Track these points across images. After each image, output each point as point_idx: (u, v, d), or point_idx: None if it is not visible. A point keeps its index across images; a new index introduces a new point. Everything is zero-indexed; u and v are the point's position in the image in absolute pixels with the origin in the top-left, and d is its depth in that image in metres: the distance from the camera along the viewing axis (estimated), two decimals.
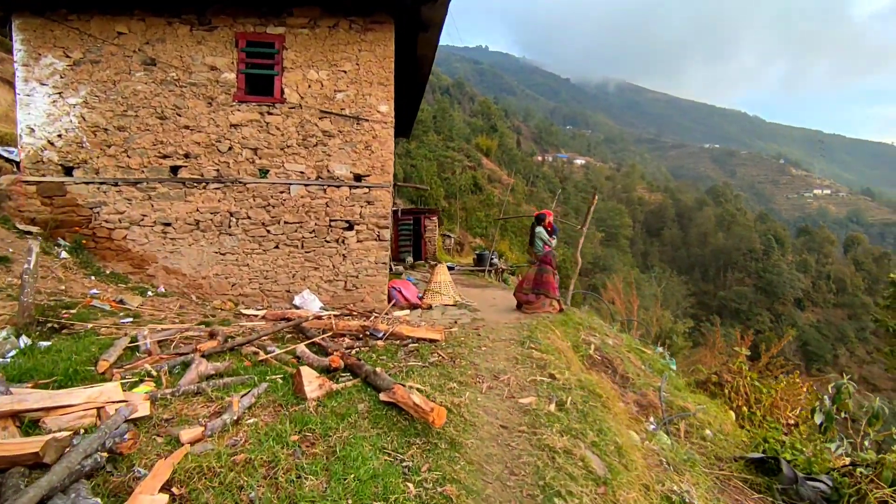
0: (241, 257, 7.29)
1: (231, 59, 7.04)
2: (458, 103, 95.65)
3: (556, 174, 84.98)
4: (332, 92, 7.23)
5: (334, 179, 7.33)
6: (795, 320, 64.78)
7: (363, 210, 7.38)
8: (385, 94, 7.30)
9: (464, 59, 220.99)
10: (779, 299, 69.72)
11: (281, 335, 5.38)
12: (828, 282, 73.23)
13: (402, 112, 13.12)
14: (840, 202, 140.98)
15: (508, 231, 49.07)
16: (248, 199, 7.24)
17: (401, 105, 12.43)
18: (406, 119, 13.76)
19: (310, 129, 7.24)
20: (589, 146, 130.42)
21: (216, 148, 7.13)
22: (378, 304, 7.50)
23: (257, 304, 7.37)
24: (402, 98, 11.68)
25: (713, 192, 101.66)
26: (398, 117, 13.80)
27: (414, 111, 12.88)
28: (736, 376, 9.61)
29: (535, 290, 7.53)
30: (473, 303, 8.71)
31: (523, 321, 6.55)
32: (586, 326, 7.75)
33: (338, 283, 7.44)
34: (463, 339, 5.19)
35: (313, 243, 7.36)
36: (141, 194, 7.07)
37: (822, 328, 65.88)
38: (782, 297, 69.71)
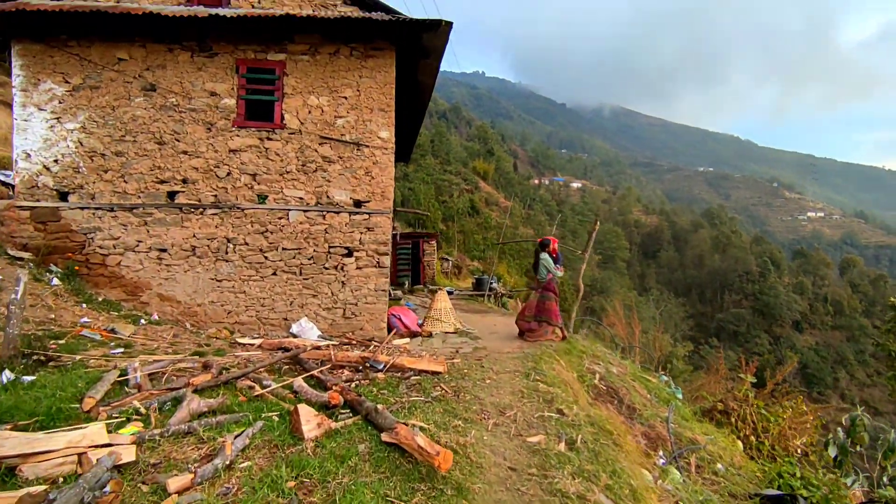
0: (237, 284, 7.14)
1: (231, 84, 7.03)
2: (455, 128, 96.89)
3: (553, 197, 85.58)
4: (332, 118, 7.21)
5: (334, 205, 7.24)
6: (794, 343, 64.45)
7: (363, 236, 7.28)
8: (386, 120, 7.28)
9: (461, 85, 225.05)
10: (777, 321, 69.52)
11: (278, 367, 5.20)
12: (825, 304, 73.18)
13: (401, 137, 13.16)
14: (834, 225, 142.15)
15: (506, 254, 49.05)
16: (246, 224, 7.13)
17: (401, 130, 12.47)
18: (406, 144, 13.81)
19: (309, 154, 7.18)
20: (585, 170, 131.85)
21: (214, 173, 7.06)
22: (377, 333, 7.32)
23: (254, 332, 7.18)
24: (402, 123, 11.72)
25: (708, 215, 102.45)
26: (398, 142, 13.88)
27: (413, 136, 12.94)
28: (742, 404, 9.39)
29: (537, 318, 7.38)
30: (474, 330, 8.53)
31: (527, 350, 6.37)
32: (590, 354, 7.57)
33: (336, 310, 7.27)
34: (466, 371, 5.02)
35: (312, 270, 7.23)
36: (137, 220, 6.95)
37: (821, 351, 65.50)
38: (780, 320, 69.52)
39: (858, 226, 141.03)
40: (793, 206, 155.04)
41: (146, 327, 6.42)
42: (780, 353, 61.43)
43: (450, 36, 7.05)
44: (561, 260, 8.37)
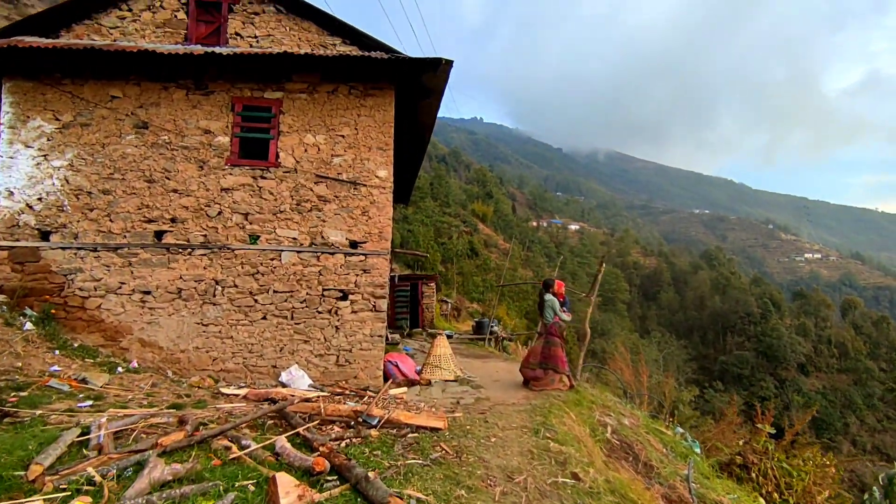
0: (224, 329, 6.71)
1: (226, 122, 6.88)
2: (454, 171, 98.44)
3: (551, 239, 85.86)
4: (328, 156, 7.02)
5: (329, 246, 6.93)
6: (800, 387, 62.95)
7: (358, 279, 6.92)
8: (384, 159, 7.09)
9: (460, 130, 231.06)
10: (781, 364, 68.13)
11: (262, 421, 4.71)
12: (829, 346, 72.01)
13: (401, 179, 13.07)
14: (831, 266, 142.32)
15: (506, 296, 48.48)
16: (236, 266, 6.79)
17: (400, 171, 12.38)
18: (405, 186, 13.70)
19: (304, 193, 6.94)
20: (582, 212, 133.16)
21: (205, 212, 6.78)
22: (373, 381, 6.84)
23: (240, 380, 6.69)
24: (402, 165, 11.63)
25: (707, 256, 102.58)
26: (397, 184, 13.77)
27: (413, 178, 12.83)
28: (762, 457, 8.79)
29: (542, 365, 6.92)
30: (476, 378, 8.03)
31: (534, 402, 5.89)
32: (600, 404, 7.06)
33: (329, 357, 6.82)
34: (469, 428, 4.54)
35: (304, 314, 6.82)
36: (121, 260, 6.61)
37: (829, 395, 63.82)
38: (785, 362, 68.17)
39: (856, 267, 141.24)
40: (789, 248, 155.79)
41: (123, 376, 5.95)
42: (787, 398, 59.82)
43: (449, 76, 6.98)
44: (568, 304, 7.98)
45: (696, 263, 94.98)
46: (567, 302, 7.94)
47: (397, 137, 9.71)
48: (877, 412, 60.55)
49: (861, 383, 64.55)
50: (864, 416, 60.49)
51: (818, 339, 72.45)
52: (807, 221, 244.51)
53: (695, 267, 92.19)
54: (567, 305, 7.83)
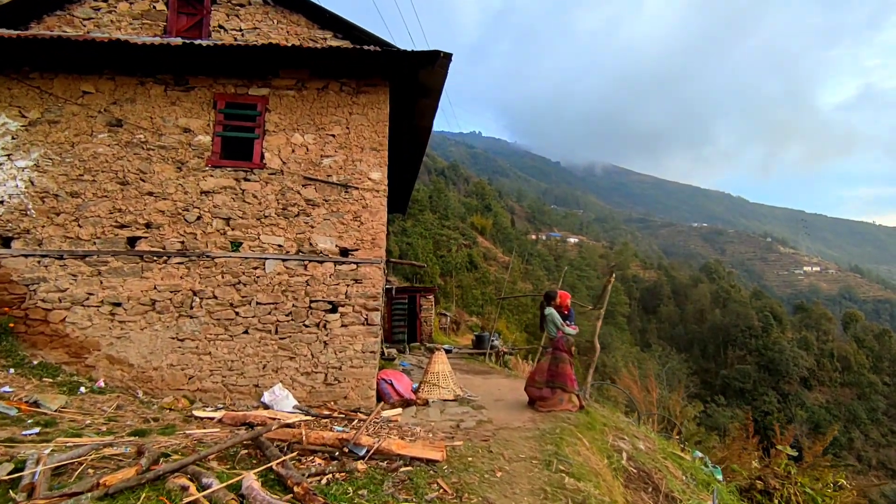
0: (202, 344, 6.12)
1: (207, 120, 6.38)
2: (453, 184, 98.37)
3: (550, 252, 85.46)
4: (318, 157, 6.51)
5: (317, 254, 6.38)
6: (804, 401, 62.11)
7: (349, 289, 6.36)
8: (377, 161, 6.59)
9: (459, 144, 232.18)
10: (784, 378, 67.32)
11: (234, 451, 4.12)
12: (832, 360, 71.26)
13: (398, 186, 12.58)
14: (830, 279, 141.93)
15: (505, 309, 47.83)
16: (216, 275, 6.22)
17: (397, 179, 11.90)
18: (402, 194, 13.22)
19: (291, 197, 6.42)
20: (581, 225, 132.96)
21: (182, 217, 6.24)
22: (364, 402, 6.23)
23: (218, 401, 6.08)
24: (399, 171, 11.15)
25: (706, 269, 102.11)
26: (393, 192, 13.25)
27: (410, 186, 12.34)
28: (784, 482, 8.18)
29: (549, 384, 6.33)
30: (477, 397, 7.42)
31: (541, 426, 5.30)
32: (612, 427, 6.46)
33: (317, 375, 6.22)
34: (470, 459, 3.94)
35: (289, 328, 6.25)
36: (89, 269, 6.04)
37: (832, 409, 62.95)
38: (787, 376, 67.37)
39: (855, 280, 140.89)
40: (788, 261, 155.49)
41: (84, 397, 5.34)
42: (791, 412, 58.95)
43: (448, 71, 6.52)
44: (573, 316, 7.42)
45: (695, 277, 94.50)
46: (572, 314, 7.39)
47: (394, 143, 9.24)
48: (881, 427, 59.68)
49: (865, 397, 63.74)
50: (868, 430, 59.55)
51: (820, 353, 71.70)
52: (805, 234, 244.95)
53: (695, 280, 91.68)
54: (572, 317, 7.28)
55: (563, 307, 7.22)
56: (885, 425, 60.02)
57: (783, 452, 8.72)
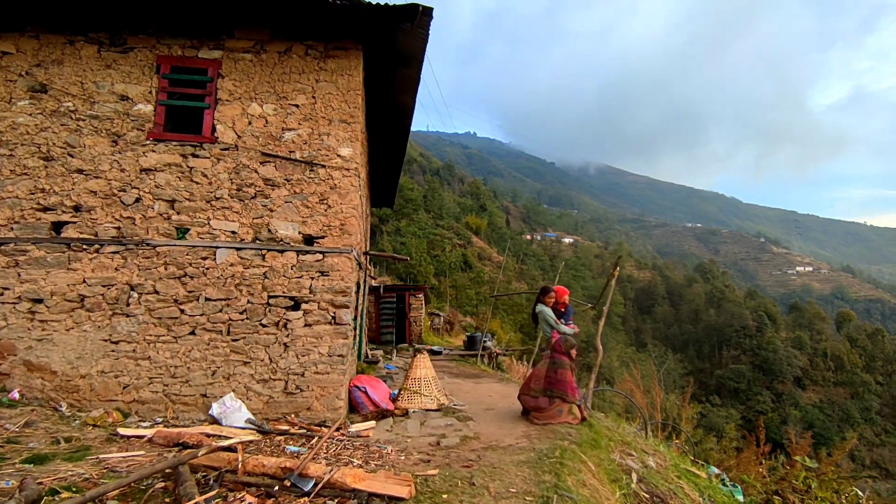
0: (140, 347, 5.22)
1: (149, 87, 5.48)
2: (448, 184, 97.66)
3: (545, 252, 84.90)
4: (278, 130, 5.63)
5: (277, 242, 5.50)
6: (797, 400, 61.94)
7: (314, 283, 5.48)
8: (348, 135, 5.71)
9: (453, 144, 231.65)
10: (778, 378, 67.21)
11: (147, 484, 3.24)
12: (825, 359, 71.25)
13: (382, 176, 11.71)
14: (823, 279, 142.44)
15: (500, 309, 47.00)
16: (158, 267, 5.32)
17: (381, 168, 11.04)
18: (388, 185, 12.35)
19: (247, 176, 5.53)
20: (576, 225, 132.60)
21: (119, 199, 5.34)
22: (331, 414, 5.35)
23: (158, 414, 5.18)
24: (382, 159, 10.29)
25: (701, 269, 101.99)
26: (378, 183, 12.39)
27: (395, 175, 11.46)
28: (804, 497, 7.41)
29: (547, 392, 5.48)
30: (464, 406, 6.56)
31: (537, 444, 4.44)
32: (619, 441, 5.62)
33: (275, 383, 5.33)
34: (446, 496, 3.07)
35: (244, 328, 5.36)
36: (4, 259, 5.13)
37: (826, 408, 62.84)
38: (781, 376, 67.27)
39: (847, 280, 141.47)
40: (781, 261, 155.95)
41: None
42: (785, 412, 58.67)
43: (429, 34, 5.66)
44: (571, 314, 6.60)
45: (690, 277, 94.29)
46: (570, 312, 6.56)
47: (374, 125, 8.39)
48: (875, 426, 59.55)
49: (858, 397, 63.62)
50: (862, 430, 59.34)
51: (814, 353, 71.64)
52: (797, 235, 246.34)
53: (689, 280, 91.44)
54: (569, 316, 6.45)
55: (560, 304, 6.40)
56: (878, 424, 59.94)
57: (801, 464, 7.93)
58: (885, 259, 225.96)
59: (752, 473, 8.68)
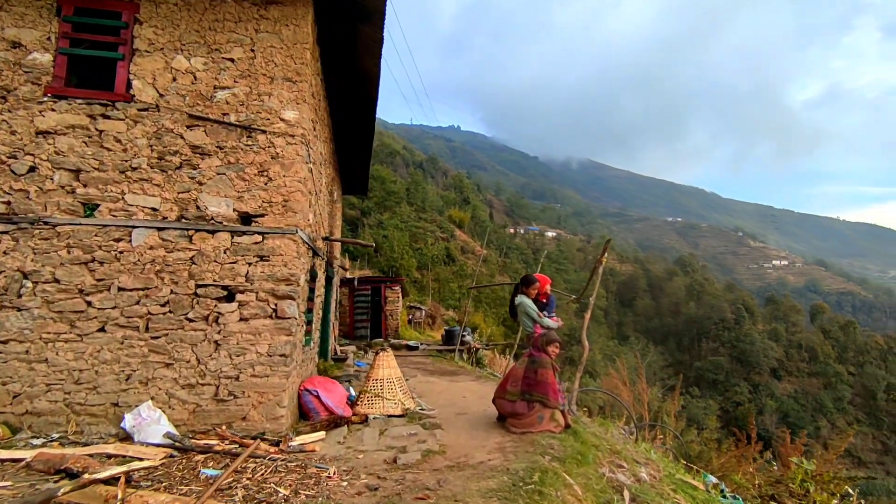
0: (35, 348, 4.31)
1: (47, 32, 4.53)
2: (431, 178, 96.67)
3: (528, 246, 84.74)
4: (210, 88, 4.73)
5: (207, 221, 4.62)
6: (773, 391, 63.09)
7: (252, 269, 4.62)
8: (293, 96, 4.84)
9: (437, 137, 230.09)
10: (754, 369, 68.48)
11: None
12: (799, 351, 72.82)
13: (352, 160, 10.83)
14: (797, 272, 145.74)
15: (482, 303, 46.44)
16: (59, 250, 4.40)
17: (349, 151, 10.16)
18: (359, 169, 11.44)
19: (171, 142, 4.63)
20: (559, 219, 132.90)
21: (8, 168, 4.39)
22: (271, 424, 4.52)
23: (57, 427, 4.28)
24: (350, 139, 9.41)
25: (681, 263, 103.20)
26: (348, 168, 11.49)
27: (365, 158, 10.56)
28: (802, 502, 6.88)
29: (525, 396, 4.73)
30: (433, 410, 5.78)
31: (513, 462, 3.68)
32: (607, 451, 4.91)
33: (204, 388, 4.47)
34: None
35: (166, 323, 4.48)
36: None
37: (800, 398, 64.24)
38: (758, 367, 68.55)
39: (820, 273, 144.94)
40: (757, 255, 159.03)
41: None
42: (761, 402, 59.65)
43: None
44: (553, 305, 5.88)
45: (670, 270, 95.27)
46: (552, 303, 5.83)
47: (337, 98, 7.52)
48: (847, 415, 61.05)
49: (831, 387, 65.10)
50: (834, 419, 60.78)
51: (789, 344, 73.15)
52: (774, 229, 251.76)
53: (669, 274, 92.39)
54: (552, 308, 5.72)
55: (542, 295, 5.65)
56: (850, 414, 61.52)
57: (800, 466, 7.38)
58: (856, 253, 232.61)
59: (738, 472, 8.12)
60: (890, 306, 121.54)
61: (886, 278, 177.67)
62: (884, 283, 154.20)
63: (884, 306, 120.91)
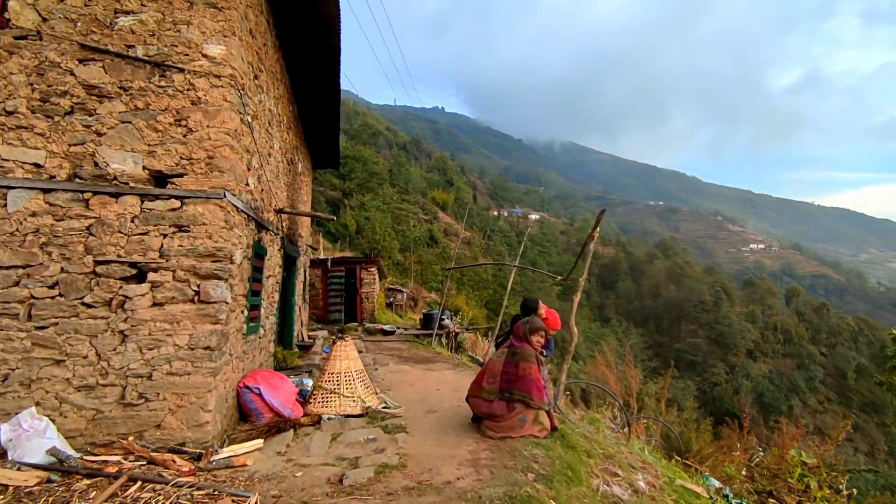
0: None
1: None
2: (414, 159, 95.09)
3: (512, 228, 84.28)
4: (108, 13, 3.73)
5: (108, 181, 3.67)
6: (749, 371, 64.45)
7: (168, 242, 3.70)
8: (219, 26, 3.87)
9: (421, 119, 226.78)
10: (731, 350, 69.85)
11: None
12: (775, 332, 74.47)
13: (319, 129, 9.81)
14: (773, 256, 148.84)
15: (465, 284, 45.81)
16: None
17: (316, 118, 9.15)
18: (327, 139, 10.41)
19: (58, 80, 3.64)
20: (542, 202, 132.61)
21: None
22: (193, 432, 3.66)
23: None
24: (318, 106, 8.40)
25: (662, 246, 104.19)
26: (316, 138, 10.45)
27: (332, 125, 9.53)
28: (802, 499, 6.35)
29: (505, 394, 3.95)
30: (399, 407, 4.99)
31: (487, 484, 2.90)
32: (599, 455, 4.20)
33: (107, 390, 3.58)
34: None
35: (55, 310, 3.55)
36: None
37: (774, 379, 65.88)
38: (734, 349, 69.91)
39: (795, 257, 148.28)
40: (736, 239, 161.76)
41: None
42: (737, 382, 60.96)
43: None
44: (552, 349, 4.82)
45: (651, 253, 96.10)
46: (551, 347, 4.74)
47: (295, 53, 6.51)
48: (818, 394, 62.88)
49: (804, 367, 66.80)
50: (806, 398, 62.54)
51: (765, 326, 74.68)
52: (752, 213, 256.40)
53: (650, 257, 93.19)
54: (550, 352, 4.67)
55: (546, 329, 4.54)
56: (821, 393, 63.37)
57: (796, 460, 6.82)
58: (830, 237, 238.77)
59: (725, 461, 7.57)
60: (860, 289, 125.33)
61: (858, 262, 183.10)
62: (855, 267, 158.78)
63: (855, 289, 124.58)
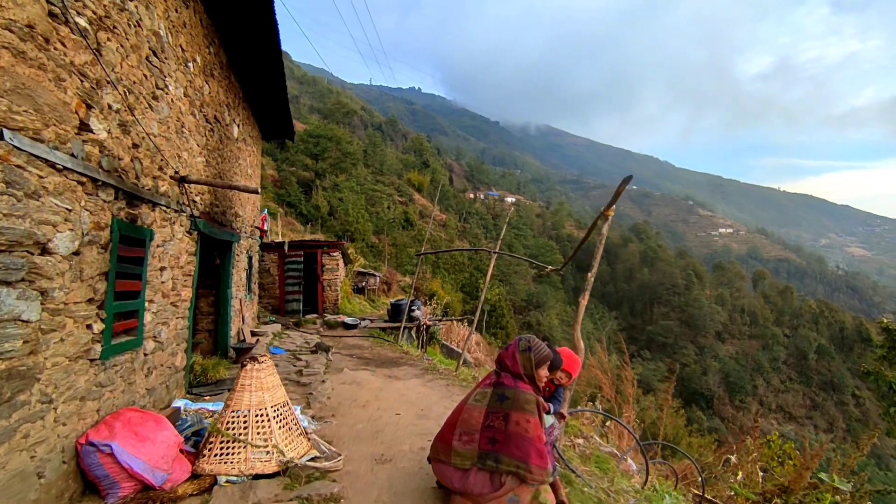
0: None
1: None
2: (390, 140, 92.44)
3: (488, 211, 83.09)
4: None
5: None
6: (717, 352, 65.78)
7: None
8: None
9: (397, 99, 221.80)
10: (701, 332, 71.17)
11: None
12: (742, 314, 76.21)
13: (260, 90, 8.04)
14: (740, 240, 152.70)
15: (441, 268, 44.44)
16: None
17: (254, 75, 7.40)
18: (269, 100, 8.60)
19: None
20: (518, 185, 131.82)
21: None
22: None
23: None
24: (258, 65, 6.68)
25: (635, 230, 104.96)
26: (264, 106, 8.65)
27: (277, 82, 7.76)
28: None
29: (487, 461, 2.49)
30: (337, 458, 3.48)
31: None
32: None
33: None
34: None
35: None
36: None
37: (741, 359, 67.58)
38: (704, 330, 71.23)
39: (760, 241, 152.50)
40: (706, 223, 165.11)
41: None
42: (706, 363, 62.16)
43: None
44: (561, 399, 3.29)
45: (625, 237, 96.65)
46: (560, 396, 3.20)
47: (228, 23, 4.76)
48: (781, 374, 64.75)
49: (768, 348, 68.57)
50: (770, 378, 64.32)
51: (733, 308, 76.27)
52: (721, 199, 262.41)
53: (625, 240, 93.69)
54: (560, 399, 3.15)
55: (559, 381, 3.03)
56: (784, 373, 65.34)
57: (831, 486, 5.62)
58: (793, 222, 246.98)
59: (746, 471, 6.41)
60: (820, 272, 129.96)
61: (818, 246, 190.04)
62: (816, 251, 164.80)
63: (815, 272, 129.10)
